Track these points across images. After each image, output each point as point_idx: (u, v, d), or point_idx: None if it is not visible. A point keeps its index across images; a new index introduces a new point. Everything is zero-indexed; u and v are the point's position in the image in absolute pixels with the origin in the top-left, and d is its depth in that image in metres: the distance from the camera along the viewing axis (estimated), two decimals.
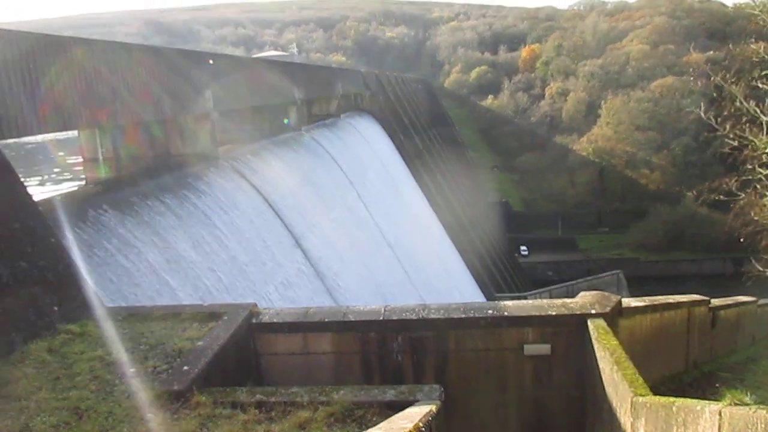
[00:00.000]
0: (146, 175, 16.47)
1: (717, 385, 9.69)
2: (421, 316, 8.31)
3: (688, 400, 5.18)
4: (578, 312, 8.15)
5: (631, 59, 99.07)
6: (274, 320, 8.49)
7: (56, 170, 33.01)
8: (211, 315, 8.55)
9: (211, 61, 19.77)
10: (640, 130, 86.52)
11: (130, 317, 8.65)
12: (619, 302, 8.53)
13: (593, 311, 8.14)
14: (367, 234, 30.31)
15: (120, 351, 7.59)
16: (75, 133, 17.49)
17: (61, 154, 37.29)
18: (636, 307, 8.86)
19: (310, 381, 8.06)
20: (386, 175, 42.81)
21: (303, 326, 8.39)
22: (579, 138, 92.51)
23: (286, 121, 27.50)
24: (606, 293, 8.73)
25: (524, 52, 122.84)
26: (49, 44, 11.23)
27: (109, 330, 8.18)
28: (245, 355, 8.24)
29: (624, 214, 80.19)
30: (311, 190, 25.92)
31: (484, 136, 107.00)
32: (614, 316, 8.29)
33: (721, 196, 21.70)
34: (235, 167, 20.49)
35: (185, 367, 7.12)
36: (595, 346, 7.52)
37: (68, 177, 28.43)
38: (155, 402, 6.53)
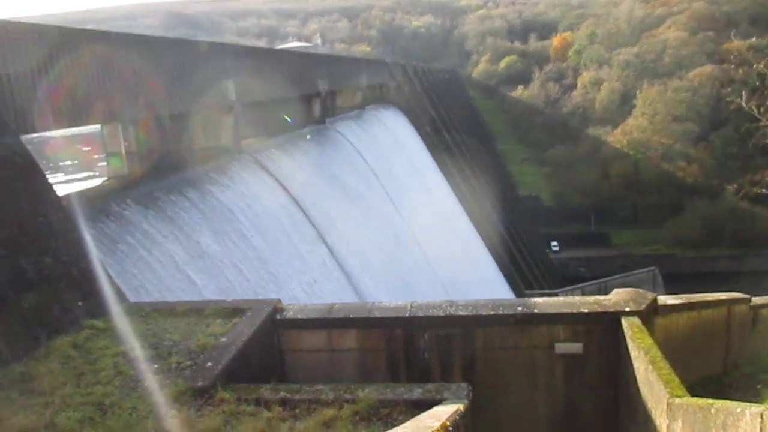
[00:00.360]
0: (169, 170, 16.71)
1: (758, 386, 9.52)
2: (448, 312, 8.30)
3: (728, 402, 5.11)
4: (611, 310, 8.08)
5: (668, 47, 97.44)
6: (299, 316, 8.55)
7: (74, 163, 33.41)
8: (234, 311, 8.62)
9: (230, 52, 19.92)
10: (677, 120, 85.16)
11: (153, 313, 8.75)
12: (655, 300, 8.43)
13: (627, 309, 8.07)
14: (393, 229, 30.38)
15: (144, 347, 7.69)
16: (92, 128, 17.70)
17: (87, 149, 37.81)
18: (672, 305, 8.74)
19: (335, 378, 8.10)
20: (412, 168, 42.87)
21: (327, 323, 8.45)
22: (613, 130, 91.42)
23: (288, 118, 27.57)
24: (641, 290, 8.64)
25: (555, 40, 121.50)
26: (69, 36, 11.35)
27: (133, 325, 8.29)
28: (269, 352, 8.29)
29: (660, 208, 79.05)
30: (336, 183, 26.01)
31: (514, 128, 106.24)
32: (649, 314, 8.20)
33: (764, 190, 21.26)
34: (259, 161, 20.65)
35: (209, 364, 7.19)
36: (629, 345, 7.45)
37: (90, 172, 28.83)
38: (179, 398, 6.60)
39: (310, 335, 8.45)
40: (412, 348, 8.33)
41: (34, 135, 10.86)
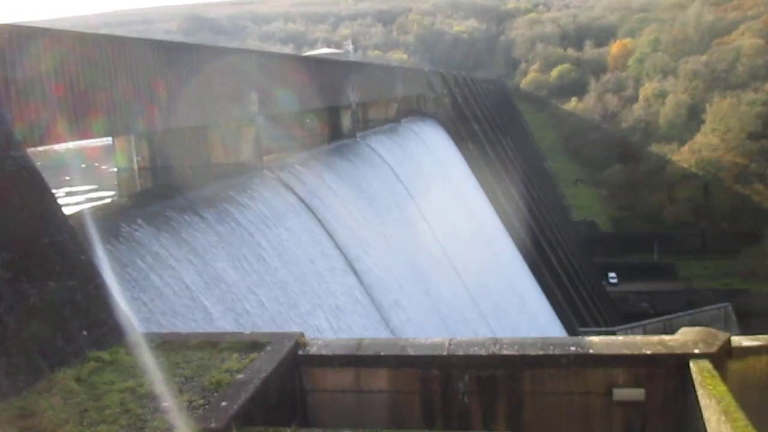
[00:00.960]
0: (184, 187, 16.95)
1: None
2: (491, 351, 8.27)
3: None
4: (678, 351, 7.97)
5: (741, 55, 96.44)
6: (323, 352, 8.58)
7: (81, 178, 34.05)
8: (252, 344, 8.68)
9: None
10: (752, 138, 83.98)
11: (164, 345, 8.85)
12: (728, 341, 8.25)
13: (696, 351, 7.95)
14: (430, 255, 30.37)
15: (153, 382, 7.75)
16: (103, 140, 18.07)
17: (96, 164, 38.55)
18: (749, 347, 8.53)
19: (363, 423, 8.08)
20: (452, 188, 42.82)
21: (355, 360, 8.45)
22: (679, 147, 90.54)
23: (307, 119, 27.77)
24: (712, 330, 8.49)
25: (614, 47, 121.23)
26: (80, 41, 11.69)
27: (142, 358, 8.38)
28: (290, 391, 8.31)
29: (733, 236, 77.80)
30: (367, 204, 26.17)
31: (566, 145, 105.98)
32: (722, 357, 8.06)
33: None
34: (282, 179, 20.86)
35: (223, 403, 7.22)
36: (699, 393, 7.32)
37: (99, 188, 29.42)
38: None
39: (335, 374, 8.46)
40: (449, 390, 8.28)
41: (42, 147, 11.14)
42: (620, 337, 8.56)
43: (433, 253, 31.24)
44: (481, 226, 44.39)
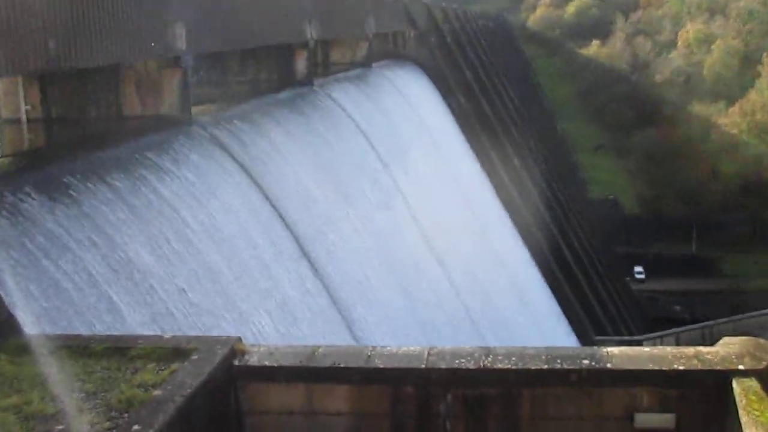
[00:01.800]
0: (88, 146, 16.71)
1: None
2: (482, 364, 8.31)
3: None
4: (718, 367, 8.06)
5: None
6: (266, 363, 8.59)
7: None
8: (174, 352, 8.71)
9: None
10: None
11: (60, 350, 8.76)
12: None
13: (741, 367, 8.04)
14: (407, 241, 30.33)
15: (45, 399, 7.64)
16: None
17: None
18: None
19: None
20: (437, 155, 42.63)
21: (308, 373, 8.47)
22: (727, 108, 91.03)
23: None
24: (761, 341, 8.60)
25: None
26: None
27: (32, 367, 8.27)
28: (223, 413, 8.28)
29: None
30: (326, 174, 26.06)
31: (585, 101, 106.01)
32: None
33: None
34: (216, 137, 20.68)
35: (135, 427, 7.15)
36: (743, 420, 7.35)
37: None
38: None
39: (281, 391, 8.47)
40: (428, 413, 8.30)
41: None
42: (646, 349, 8.84)
43: (412, 238, 31.11)
44: (474, 206, 44.37)
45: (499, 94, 66.28)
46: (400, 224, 30.98)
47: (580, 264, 56.17)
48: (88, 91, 17.42)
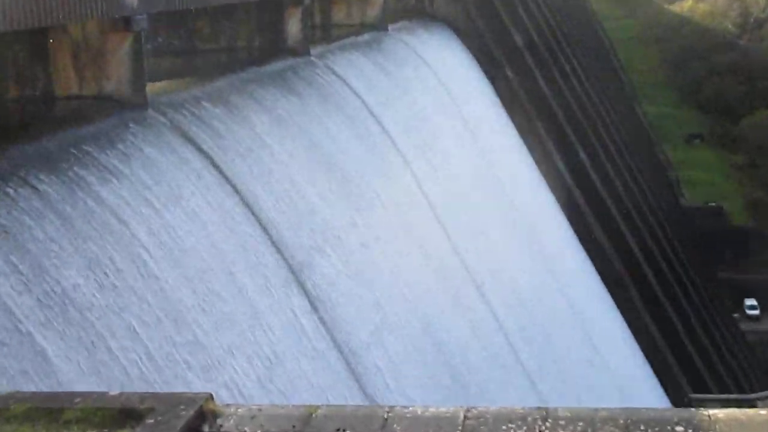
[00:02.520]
0: (5, 137, 16.71)
1: None
2: (538, 431, 8.15)
3: None
4: None
5: None
6: (247, 429, 8.40)
7: None
8: (123, 414, 8.50)
9: None
10: None
11: None
12: None
13: None
14: (433, 262, 30.20)
15: None
16: None
17: None
18: None
19: None
20: (475, 147, 42.63)
21: None
22: None
23: None
24: None
25: None
26: None
27: None
28: None
29: None
30: (327, 173, 26.02)
31: (675, 75, 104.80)
32: None
33: None
34: (179, 125, 20.76)
35: None
36: None
37: None
38: None
39: None
40: None
41: None
42: (762, 412, 8.41)
43: (440, 256, 31.08)
44: (524, 214, 44.28)
45: (559, 65, 65.14)
46: (425, 238, 30.91)
47: (671, 294, 55.61)
48: (5, 63, 17.15)
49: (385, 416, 8.50)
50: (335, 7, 37.45)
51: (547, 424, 8.17)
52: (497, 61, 52.79)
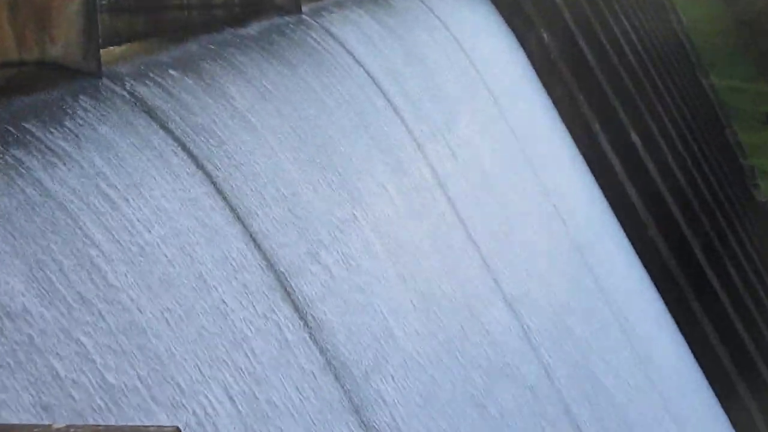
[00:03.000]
0: None
1: None
2: None
3: None
4: None
5: None
6: None
7: None
8: None
9: None
10: None
11: None
12: None
13: None
14: (452, 268, 28.72)
15: None
16: None
17: None
18: None
19: None
20: (503, 126, 41.17)
21: None
22: None
23: None
24: None
25: None
26: None
27: None
28: None
29: None
30: (322, 158, 24.81)
31: (751, 39, 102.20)
32: None
33: None
34: (141, 98, 19.69)
35: None
36: None
37: None
38: None
39: None
40: None
41: None
42: None
43: (461, 261, 29.68)
44: (564, 210, 42.43)
45: (606, 26, 63.05)
46: (442, 238, 29.21)
47: (744, 313, 52.42)
48: None
49: None
50: None
51: None
52: (529, 21, 50.88)
